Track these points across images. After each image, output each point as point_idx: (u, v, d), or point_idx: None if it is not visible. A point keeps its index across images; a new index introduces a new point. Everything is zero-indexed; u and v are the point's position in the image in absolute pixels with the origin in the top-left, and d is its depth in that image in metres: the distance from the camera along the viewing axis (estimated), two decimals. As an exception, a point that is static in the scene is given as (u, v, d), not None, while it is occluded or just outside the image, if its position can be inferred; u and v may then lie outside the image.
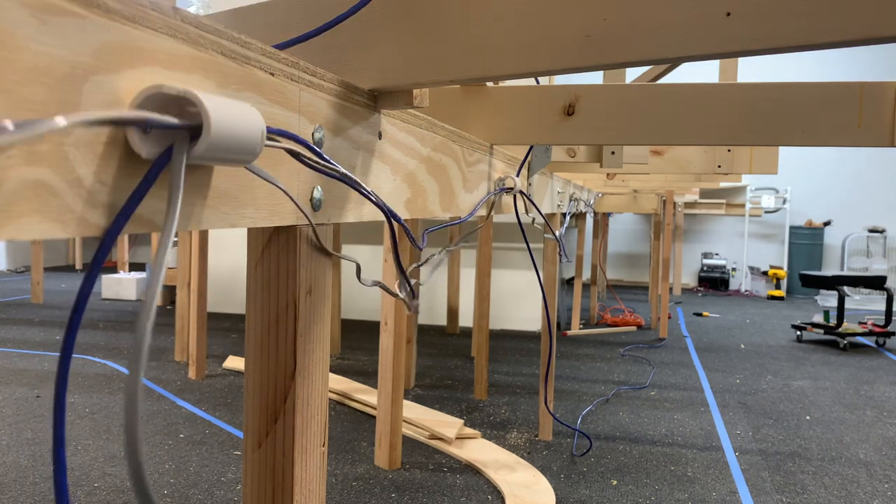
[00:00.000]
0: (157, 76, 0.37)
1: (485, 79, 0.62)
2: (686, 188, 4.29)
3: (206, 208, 0.44)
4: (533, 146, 1.49)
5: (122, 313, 4.20)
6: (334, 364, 2.98)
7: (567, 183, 2.49)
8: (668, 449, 2.04)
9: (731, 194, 7.18)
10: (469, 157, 1.08)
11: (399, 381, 1.81)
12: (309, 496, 0.60)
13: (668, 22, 0.51)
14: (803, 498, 1.71)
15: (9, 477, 1.67)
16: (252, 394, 0.59)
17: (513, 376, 2.89)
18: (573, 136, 1.18)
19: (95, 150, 0.34)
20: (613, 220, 7.32)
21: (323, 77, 0.58)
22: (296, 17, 0.66)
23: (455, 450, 1.94)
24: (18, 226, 0.30)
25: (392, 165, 0.75)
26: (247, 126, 0.40)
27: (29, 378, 2.59)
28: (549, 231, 2.01)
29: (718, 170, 2.29)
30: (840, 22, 0.46)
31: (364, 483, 1.72)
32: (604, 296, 5.80)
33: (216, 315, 4.07)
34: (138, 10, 0.36)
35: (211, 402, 2.36)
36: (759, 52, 0.49)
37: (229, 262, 4.26)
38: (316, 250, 0.60)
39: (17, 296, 4.88)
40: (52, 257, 7.08)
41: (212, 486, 1.66)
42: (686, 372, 3.08)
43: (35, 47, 0.30)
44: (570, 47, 0.54)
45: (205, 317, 2.67)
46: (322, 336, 0.62)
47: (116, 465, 1.77)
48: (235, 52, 0.45)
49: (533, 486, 1.70)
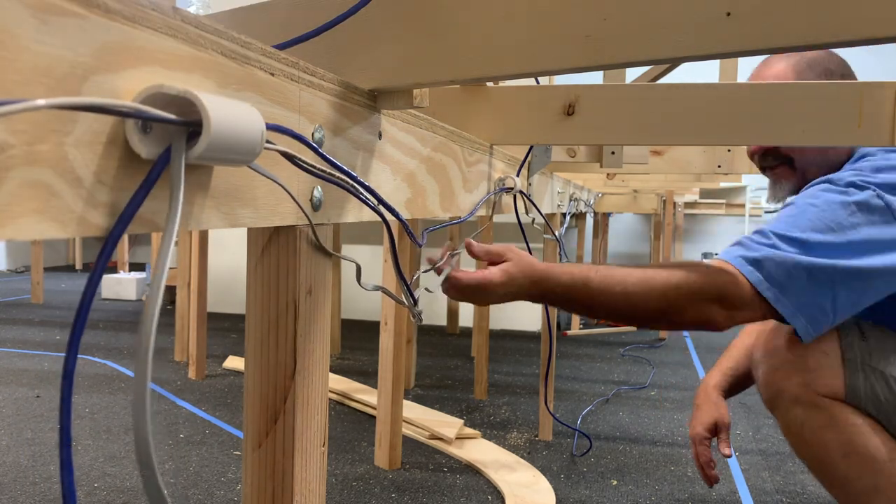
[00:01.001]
0: (157, 76, 0.37)
1: (485, 79, 0.62)
2: (686, 188, 4.29)
3: (206, 208, 0.44)
4: (533, 146, 1.49)
5: (123, 313, 4.20)
6: (334, 364, 2.98)
7: (567, 183, 2.49)
8: (668, 449, 2.04)
9: (731, 194, 7.18)
10: (469, 157, 1.08)
11: (399, 381, 1.81)
12: (309, 496, 0.60)
13: (668, 22, 0.51)
14: (803, 498, 1.71)
15: (9, 477, 1.67)
16: (252, 394, 0.59)
17: (513, 376, 2.89)
18: (573, 136, 1.18)
19: (95, 151, 0.34)
20: (613, 220, 7.32)
21: (323, 77, 0.58)
22: (296, 17, 0.66)
23: (455, 450, 1.94)
24: (18, 226, 0.30)
25: (392, 165, 0.75)
26: (247, 126, 0.40)
27: (29, 378, 2.59)
28: (549, 232, 2.01)
29: (718, 170, 2.29)
30: (840, 22, 0.46)
31: (364, 483, 1.72)
32: (604, 296, 5.79)
33: (216, 315, 4.07)
34: (138, 10, 0.36)
35: (211, 402, 2.36)
36: (759, 52, 0.49)
37: (229, 262, 4.26)
38: (316, 250, 0.60)
39: (17, 296, 4.88)
40: (52, 257, 7.08)
41: (212, 486, 1.66)
42: (686, 372, 3.08)
43: (35, 47, 0.30)
44: (570, 47, 0.54)
45: (205, 317, 2.67)
46: (322, 336, 0.62)
47: (116, 465, 1.77)
48: (235, 52, 0.45)
49: (533, 486, 1.70)
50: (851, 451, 1.10)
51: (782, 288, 0.96)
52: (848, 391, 1.10)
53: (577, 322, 4.10)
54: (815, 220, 1.02)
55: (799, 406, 1.13)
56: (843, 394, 1.10)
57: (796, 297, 0.97)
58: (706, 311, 0.95)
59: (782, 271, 0.97)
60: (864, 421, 1.10)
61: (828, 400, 1.11)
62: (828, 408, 1.11)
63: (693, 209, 6.82)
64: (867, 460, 1.09)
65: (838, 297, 0.99)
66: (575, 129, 1.16)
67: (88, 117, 0.33)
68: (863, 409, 1.10)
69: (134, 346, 2.63)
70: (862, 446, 1.09)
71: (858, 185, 1.06)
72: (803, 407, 1.12)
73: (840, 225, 1.01)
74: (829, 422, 1.11)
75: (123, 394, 2.43)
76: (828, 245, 0.99)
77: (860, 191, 1.05)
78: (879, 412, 1.10)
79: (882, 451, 1.09)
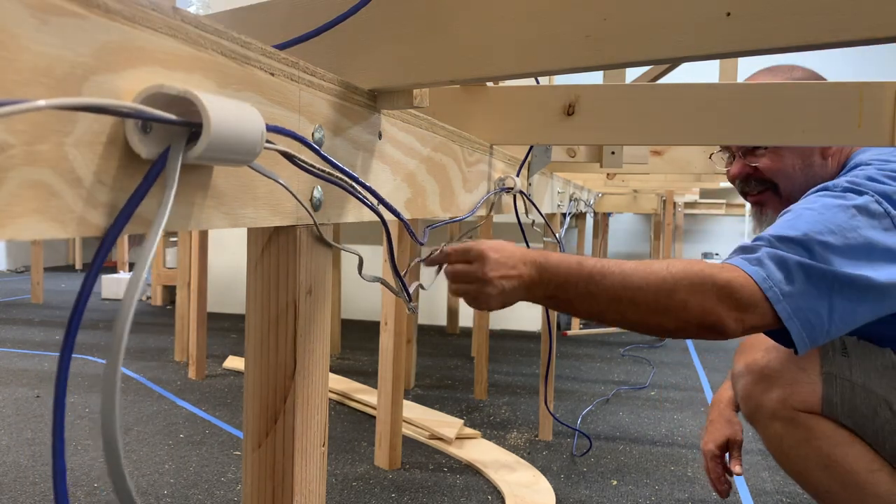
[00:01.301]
0: (158, 76, 0.37)
1: (485, 79, 0.62)
2: (686, 188, 4.29)
3: (206, 208, 0.44)
4: (533, 146, 1.49)
5: (122, 313, 4.20)
6: (334, 364, 2.98)
7: (567, 183, 2.49)
8: (668, 449, 2.04)
9: (731, 194, 7.17)
10: (469, 157, 1.08)
11: (399, 381, 1.81)
12: (309, 496, 0.60)
13: (668, 22, 0.51)
14: (803, 498, 1.71)
15: (9, 477, 1.67)
16: (252, 394, 0.59)
17: (513, 376, 2.89)
18: (573, 136, 1.18)
19: (95, 151, 0.34)
20: (613, 220, 7.32)
21: (323, 77, 0.58)
22: (296, 17, 0.66)
23: (455, 450, 1.94)
24: (18, 226, 0.30)
25: (392, 165, 0.75)
26: (247, 126, 0.40)
27: (29, 378, 2.59)
28: (549, 234, 2.01)
29: (718, 170, 2.29)
30: (840, 22, 0.46)
31: (364, 483, 1.72)
32: (604, 296, 5.78)
33: (216, 315, 4.07)
34: (138, 10, 0.36)
35: (211, 402, 2.36)
36: (759, 52, 0.49)
37: (229, 262, 4.26)
38: (316, 250, 0.60)
39: (17, 296, 4.88)
40: (52, 257, 7.08)
41: (212, 486, 1.66)
42: (686, 372, 3.08)
43: (35, 47, 0.30)
44: (570, 47, 0.54)
45: (205, 317, 2.67)
46: (322, 336, 0.62)
47: (116, 465, 1.77)
48: (235, 52, 0.45)
49: (533, 486, 1.70)
50: (831, 464, 1.09)
51: (782, 288, 0.90)
52: (824, 404, 1.09)
53: (577, 322, 4.10)
54: (814, 222, 0.96)
55: (777, 421, 1.12)
56: (819, 407, 1.09)
57: (794, 299, 0.90)
58: (711, 308, 0.87)
59: (782, 270, 0.91)
60: (841, 434, 1.09)
61: (805, 414, 1.10)
62: (804, 422, 1.10)
63: (693, 209, 6.82)
64: (847, 473, 1.08)
65: (835, 305, 0.92)
66: (575, 129, 1.16)
67: (88, 117, 0.33)
68: (840, 422, 1.09)
69: (111, 341, 2.63)
70: (841, 459, 1.09)
71: (856, 190, 1.01)
72: (781, 422, 1.12)
73: (840, 227, 0.96)
74: (807, 436, 1.10)
75: (123, 394, 2.43)
76: (827, 246, 0.94)
77: (858, 196, 1.00)
78: (856, 424, 1.09)
79: (861, 462, 1.08)
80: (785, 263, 0.92)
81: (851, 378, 1.10)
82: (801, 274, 0.91)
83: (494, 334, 3.72)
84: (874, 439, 1.09)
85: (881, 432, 1.08)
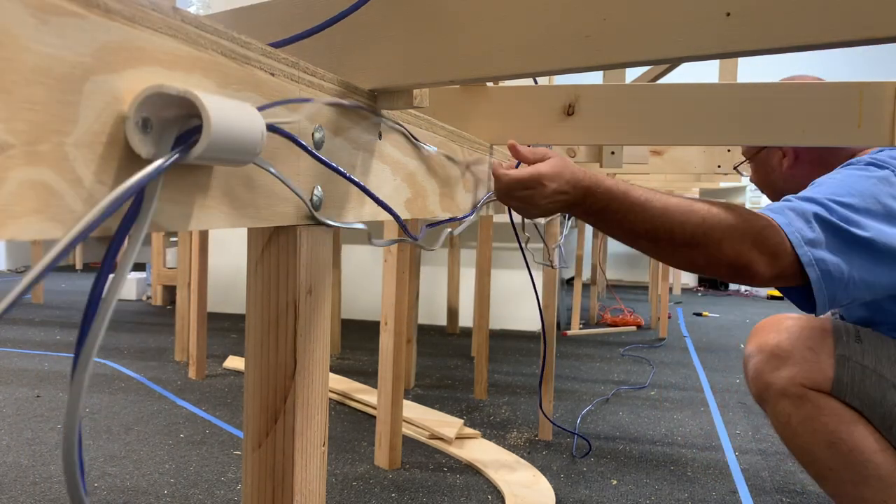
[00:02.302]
0: (158, 76, 0.37)
1: (485, 79, 0.62)
2: (686, 188, 4.29)
3: (206, 208, 0.44)
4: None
5: (123, 313, 4.20)
6: (334, 364, 2.98)
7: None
8: (668, 449, 2.04)
9: (731, 194, 7.18)
10: (469, 156, 1.08)
11: (399, 381, 1.81)
12: (309, 496, 0.60)
13: (668, 22, 0.51)
14: (803, 498, 1.71)
15: (9, 477, 1.67)
16: (252, 394, 0.59)
17: (513, 376, 2.89)
18: (573, 136, 1.18)
19: (95, 151, 0.34)
20: (613, 220, 7.30)
21: (323, 77, 0.58)
22: (296, 17, 0.66)
23: (455, 450, 1.94)
24: (18, 226, 0.30)
25: (392, 165, 0.75)
26: (247, 126, 0.40)
27: (29, 378, 2.59)
28: (548, 234, 2.01)
29: (718, 170, 2.29)
30: (840, 22, 0.46)
31: (364, 483, 1.72)
32: (603, 296, 5.79)
33: (216, 315, 4.07)
34: (138, 10, 0.36)
35: (211, 402, 2.36)
36: (759, 52, 0.49)
37: (229, 262, 4.26)
38: (316, 250, 0.60)
39: (17, 296, 4.87)
40: (52, 257, 7.06)
41: (212, 486, 1.66)
42: (686, 372, 3.08)
43: (35, 47, 0.30)
44: (570, 47, 0.54)
45: (205, 317, 2.67)
46: (322, 336, 0.62)
47: (116, 464, 1.77)
48: (235, 52, 0.45)
49: (533, 486, 1.70)
50: (836, 441, 1.11)
51: (804, 234, 0.95)
52: (834, 383, 1.11)
53: (577, 322, 4.10)
54: (836, 187, 1.02)
55: (786, 399, 1.14)
56: (829, 387, 1.11)
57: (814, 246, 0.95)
58: (745, 252, 0.91)
59: (803, 220, 0.96)
60: (849, 413, 1.11)
61: (814, 392, 1.12)
62: (813, 399, 1.12)
63: (693, 209, 6.80)
64: (852, 451, 1.10)
65: (853, 261, 0.97)
66: (575, 129, 1.16)
67: (88, 118, 0.33)
68: (848, 403, 1.11)
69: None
70: (847, 437, 1.10)
71: (878, 164, 1.08)
72: (790, 399, 1.13)
73: (860, 192, 1.01)
74: (814, 413, 1.12)
75: (123, 394, 2.43)
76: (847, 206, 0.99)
77: (880, 169, 1.07)
78: (864, 406, 1.11)
79: (866, 442, 1.10)
80: (805, 214, 0.97)
81: (863, 362, 1.12)
82: (819, 225, 0.97)
83: (494, 334, 3.72)
84: (881, 423, 1.10)
85: (888, 417, 1.10)
